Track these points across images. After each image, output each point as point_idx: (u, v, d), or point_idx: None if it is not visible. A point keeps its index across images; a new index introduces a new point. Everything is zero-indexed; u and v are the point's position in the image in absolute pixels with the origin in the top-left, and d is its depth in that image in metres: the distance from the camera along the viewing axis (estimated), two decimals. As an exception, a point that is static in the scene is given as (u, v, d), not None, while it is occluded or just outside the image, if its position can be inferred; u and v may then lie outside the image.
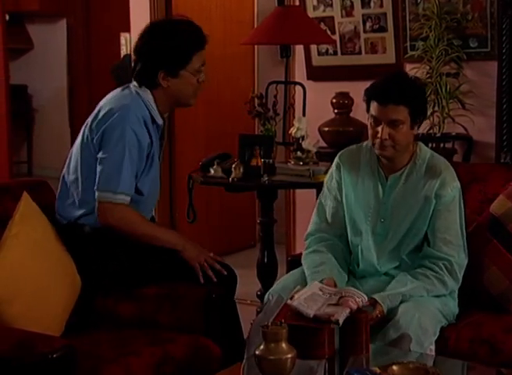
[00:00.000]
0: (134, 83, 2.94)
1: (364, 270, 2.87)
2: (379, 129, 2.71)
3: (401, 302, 2.65)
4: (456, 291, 2.85)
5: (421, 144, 2.88)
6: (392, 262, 2.83)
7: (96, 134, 2.83)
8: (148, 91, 2.90)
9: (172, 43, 2.85)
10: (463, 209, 2.84)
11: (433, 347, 2.62)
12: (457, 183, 2.82)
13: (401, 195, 2.81)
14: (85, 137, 2.89)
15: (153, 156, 2.92)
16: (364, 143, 2.92)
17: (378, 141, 2.73)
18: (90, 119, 2.91)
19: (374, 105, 2.72)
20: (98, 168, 2.82)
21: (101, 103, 2.93)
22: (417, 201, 2.78)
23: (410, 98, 2.71)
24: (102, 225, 2.84)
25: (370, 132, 2.77)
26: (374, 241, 2.83)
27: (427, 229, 2.79)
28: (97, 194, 2.81)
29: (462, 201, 2.85)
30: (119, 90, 2.96)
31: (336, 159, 2.95)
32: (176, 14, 3.05)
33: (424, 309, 2.63)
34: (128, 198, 2.83)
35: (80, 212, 2.89)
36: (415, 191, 2.79)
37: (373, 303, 2.58)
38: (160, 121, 2.94)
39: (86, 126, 2.91)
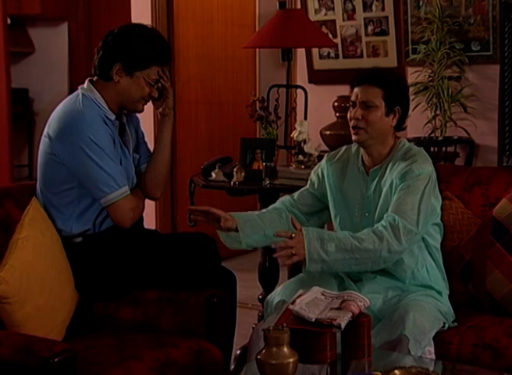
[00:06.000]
0: (84, 85, 2.91)
1: None
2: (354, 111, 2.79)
3: (396, 303, 2.64)
4: (446, 292, 2.82)
5: (403, 139, 2.87)
6: None
7: (53, 143, 2.80)
8: (95, 91, 2.87)
9: (138, 42, 2.84)
10: (432, 195, 2.72)
11: (432, 349, 2.59)
12: (428, 167, 2.73)
13: (381, 188, 2.79)
14: (45, 147, 2.85)
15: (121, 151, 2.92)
16: (353, 144, 2.94)
17: (352, 123, 2.79)
18: (45, 132, 2.87)
19: (353, 91, 2.82)
20: (87, 179, 2.78)
21: (54, 113, 2.89)
22: (393, 191, 2.74)
23: (383, 80, 2.77)
24: (122, 226, 2.85)
25: (348, 117, 2.84)
26: None
27: None
28: (102, 200, 2.79)
29: (434, 187, 2.74)
30: (67, 97, 2.93)
31: (325, 159, 3.00)
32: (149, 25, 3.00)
33: (419, 308, 2.60)
34: (128, 188, 2.85)
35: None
36: (392, 181, 2.76)
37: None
38: (112, 117, 2.89)
39: (44, 137, 2.87)
